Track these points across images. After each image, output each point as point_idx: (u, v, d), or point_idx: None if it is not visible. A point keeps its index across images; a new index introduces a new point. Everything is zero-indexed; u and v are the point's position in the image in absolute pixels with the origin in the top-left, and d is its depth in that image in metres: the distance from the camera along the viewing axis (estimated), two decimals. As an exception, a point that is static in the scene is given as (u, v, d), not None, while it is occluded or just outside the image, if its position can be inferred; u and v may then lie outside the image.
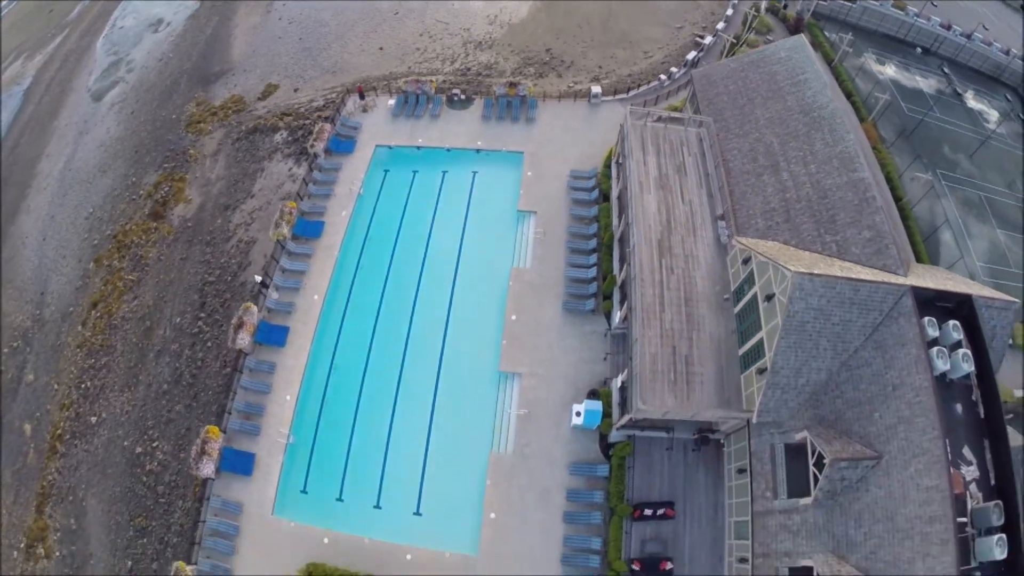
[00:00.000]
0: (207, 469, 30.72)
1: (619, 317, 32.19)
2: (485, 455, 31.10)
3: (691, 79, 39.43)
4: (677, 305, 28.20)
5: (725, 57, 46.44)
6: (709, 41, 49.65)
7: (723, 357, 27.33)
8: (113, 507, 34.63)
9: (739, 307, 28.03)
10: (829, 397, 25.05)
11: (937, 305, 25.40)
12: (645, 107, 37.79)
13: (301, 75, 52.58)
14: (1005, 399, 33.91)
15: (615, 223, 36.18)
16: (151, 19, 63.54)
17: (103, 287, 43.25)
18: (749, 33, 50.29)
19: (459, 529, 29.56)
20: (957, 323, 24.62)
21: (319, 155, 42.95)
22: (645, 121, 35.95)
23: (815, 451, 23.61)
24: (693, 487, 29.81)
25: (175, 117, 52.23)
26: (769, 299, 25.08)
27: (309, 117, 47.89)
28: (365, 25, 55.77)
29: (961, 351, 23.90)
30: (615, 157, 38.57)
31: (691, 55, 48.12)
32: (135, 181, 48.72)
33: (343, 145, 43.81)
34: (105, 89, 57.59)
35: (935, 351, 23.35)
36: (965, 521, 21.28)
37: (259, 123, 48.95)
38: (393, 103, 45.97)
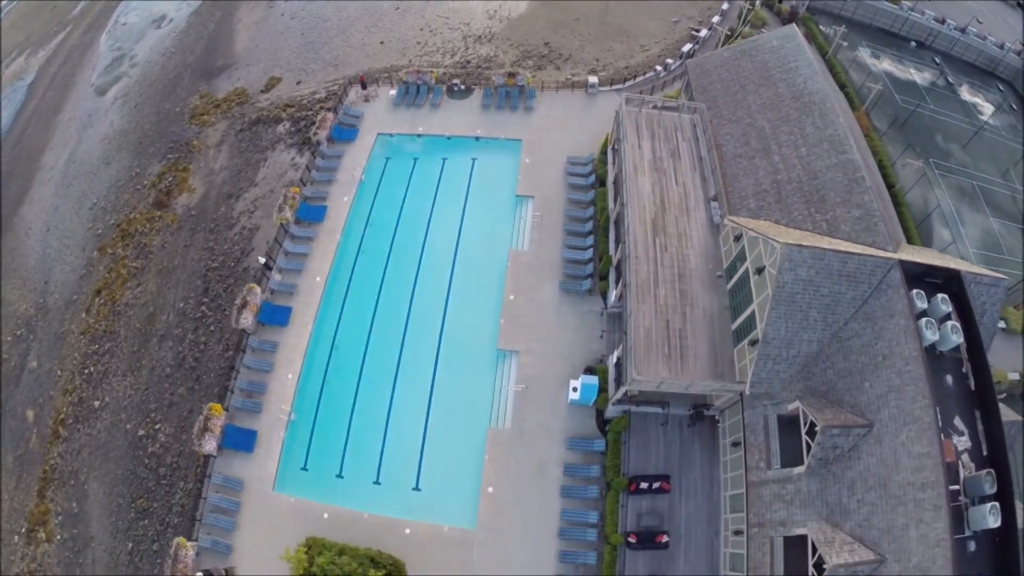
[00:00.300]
0: (209, 446, 31.16)
1: (615, 296, 32.75)
2: (483, 431, 31.57)
3: (686, 69, 40.13)
4: (671, 282, 28.76)
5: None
6: (704, 34, 50.44)
7: (716, 332, 27.84)
8: (115, 490, 35.00)
9: (731, 283, 28.58)
10: (820, 368, 25.50)
11: (926, 281, 25.83)
12: (640, 95, 38.55)
13: (303, 68, 53.38)
14: (998, 379, 34.41)
15: (611, 206, 36.79)
16: (154, 15, 64.50)
17: (107, 274, 43.81)
18: (744, 27, 51.03)
19: (457, 503, 30.00)
20: (946, 296, 25.02)
21: (322, 143, 43.71)
22: (640, 108, 36.63)
23: (807, 420, 24.02)
24: (688, 462, 30.21)
25: (179, 110, 53.00)
26: (760, 272, 25.61)
27: (311, 108, 48.63)
28: (366, 20, 56.65)
29: (950, 323, 24.29)
30: (611, 143, 39.25)
31: (686, 47, 48.89)
32: (139, 172, 49.41)
33: (345, 133, 44.57)
34: (109, 84, 58.40)
35: (924, 322, 23.72)
36: (958, 489, 21.53)
37: (262, 114, 49.71)
38: (394, 93, 46.77)
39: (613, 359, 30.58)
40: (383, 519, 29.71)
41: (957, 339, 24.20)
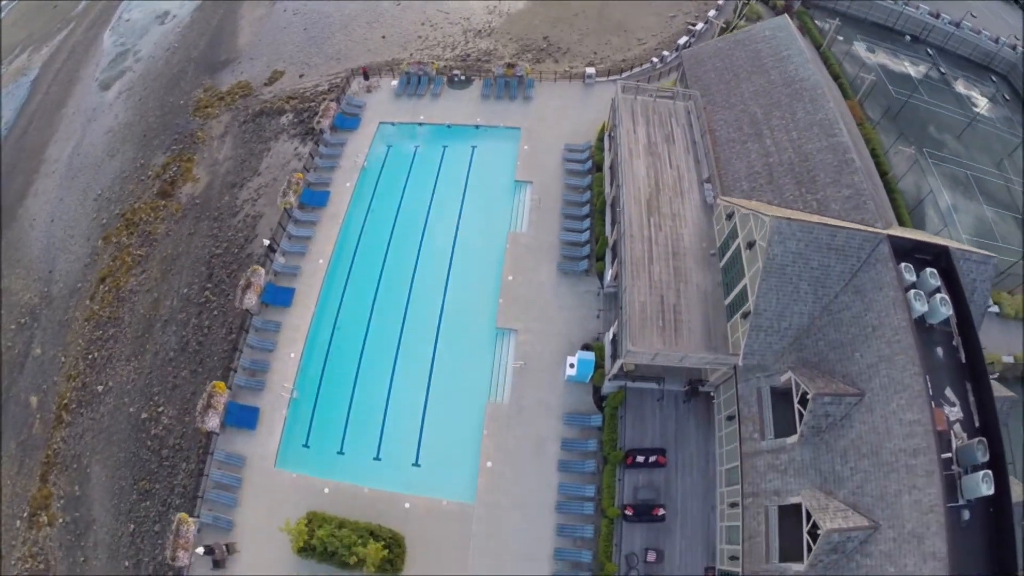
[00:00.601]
0: (212, 423, 31.63)
1: (611, 275, 33.31)
2: (482, 406, 32.05)
3: (681, 60, 40.89)
4: (665, 259, 29.32)
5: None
6: (700, 28, 51.28)
7: (710, 308, 28.37)
8: (117, 472, 35.39)
9: (724, 260, 29.13)
10: (812, 340, 25.98)
11: (915, 256, 26.23)
12: (636, 83, 39.32)
13: (306, 62, 54.20)
14: (991, 361, 34.81)
15: (607, 190, 37.44)
16: (157, 11, 65.38)
17: (111, 263, 44.39)
18: (740, 20, 51.83)
19: (457, 478, 30.42)
20: (935, 271, 25.48)
21: (325, 131, 44.48)
22: (636, 95, 37.36)
23: (799, 389, 24.42)
24: (684, 437, 30.67)
25: (183, 103, 53.76)
26: (751, 246, 26.17)
27: (314, 100, 49.40)
28: (368, 15, 57.55)
29: (939, 296, 24.67)
30: (608, 131, 39.94)
31: (682, 40, 49.70)
32: (143, 163, 50.10)
33: (348, 122, 45.34)
34: (113, 78, 59.19)
35: (912, 294, 24.10)
36: (950, 458, 21.66)
37: (265, 106, 50.47)
38: (396, 84, 47.58)
39: (609, 336, 31.10)
40: (383, 493, 30.14)
41: (946, 311, 24.47)
